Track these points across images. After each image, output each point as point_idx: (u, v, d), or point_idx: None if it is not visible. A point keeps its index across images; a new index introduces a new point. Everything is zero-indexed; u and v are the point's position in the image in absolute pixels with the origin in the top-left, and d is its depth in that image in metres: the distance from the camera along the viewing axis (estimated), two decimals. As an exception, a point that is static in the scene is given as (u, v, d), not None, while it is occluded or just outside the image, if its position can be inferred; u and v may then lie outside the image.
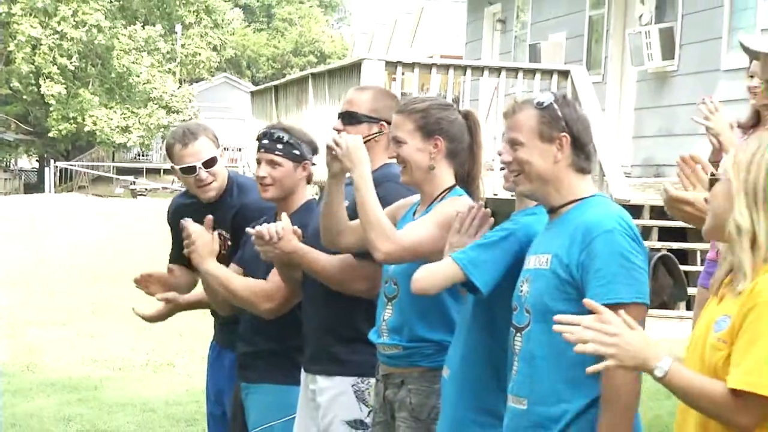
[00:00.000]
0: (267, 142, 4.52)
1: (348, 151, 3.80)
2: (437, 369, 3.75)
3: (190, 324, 10.36)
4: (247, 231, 4.23)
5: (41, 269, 15.96)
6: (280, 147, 4.50)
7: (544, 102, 3.35)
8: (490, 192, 10.95)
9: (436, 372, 3.76)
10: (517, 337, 3.32)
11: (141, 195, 38.16)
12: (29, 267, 16.04)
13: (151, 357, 10.17)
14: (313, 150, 4.59)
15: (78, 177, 45.30)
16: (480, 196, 3.93)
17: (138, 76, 43.13)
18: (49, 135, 43.18)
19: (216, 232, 4.61)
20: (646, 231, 11.03)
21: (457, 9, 28.67)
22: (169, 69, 45.70)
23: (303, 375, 4.35)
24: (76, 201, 28.16)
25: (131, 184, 42.43)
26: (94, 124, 41.87)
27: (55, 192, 38.85)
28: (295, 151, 4.50)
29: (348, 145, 3.82)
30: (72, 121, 41.95)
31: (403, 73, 13.14)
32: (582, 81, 12.21)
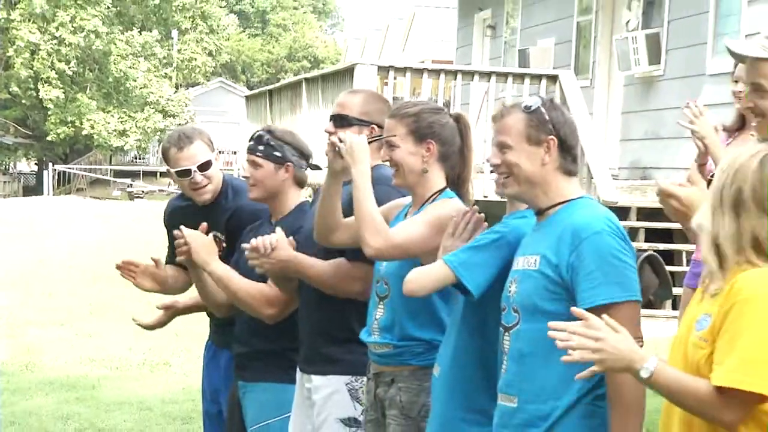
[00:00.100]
0: (251, 143, 4.58)
1: (352, 148, 3.80)
2: (427, 367, 3.75)
3: (186, 324, 10.30)
4: (243, 247, 4.25)
5: (41, 270, 15.94)
6: (261, 149, 4.54)
7: (531, 106, 3.36)
8: (480, 194, 10.97)
9: (426, 370, 3.76)
10: (506, 337, 3.32)
11: (138, 197, 38.12)
12: (29, 268, 16.02)
13: (148, 356, 10.16)
14: (300, 154, 4.57)
15: (76, 180, 45.23)
16: (470, 198, 3.93)
17: (135, 80, 43.11)
18: (48, 138, 43.13)
19: (211, 234, 4.61)
20: (632, 232, 11.05)
21: (448, 15, 28.67)
22: (166, 74, 45.67)
23: (298, 374, 4.35)
24: (74, 203, 28.14)
25: (128, 186, 42.37)
26: (91, 127, 41.82)
27: (54, 194, 38.79)
28: (276, 153, 4.52)
29: (352, 142, 3.82)
30: (70, 125, 41.91)
31: (395, 78, 13.15)
32: (570, 85, 12.21)
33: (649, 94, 14.03)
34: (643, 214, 11.31)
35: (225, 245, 4.86)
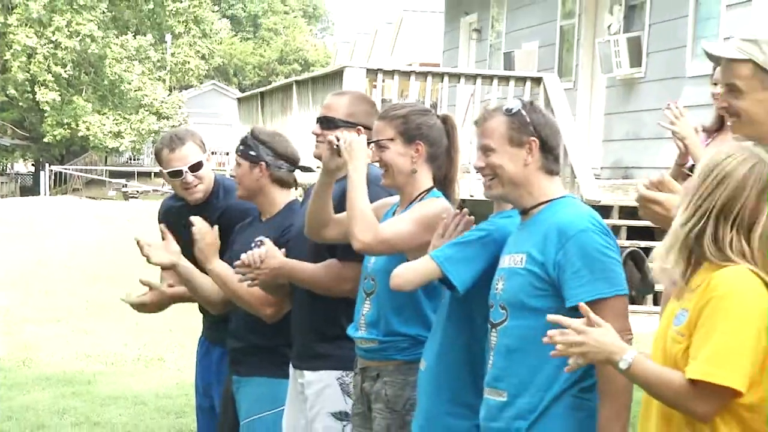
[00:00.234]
0: (238, 144, 4.62)
1: (351, 146, 3.81)
2: (412, 362, 3.76)
3: (180, 320, 10.33)
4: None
5: (39, 269, 15.89)
6: (241, 148, 4.60)
7: (512, 109, 3.38)
8: (466, 193, 10.97)
9: (411, 365, 3.77)
10: (493, 333, 3.33)
11: (133, 197, 38.03)
12: (27, 267, 15.97)
13: (143, 352, 10.13)
14: (276, 154, 4.55)
15: (72, 180, 45.15)
16: (456, 197, 3.93)
17: (129, 83, 43.08)
18: (44, 140, 43.07)
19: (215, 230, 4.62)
20: (615, 230, 11.05)
21: (435, 19, 28.69)
22: (160, 77, 45.64)
23: (291, 370, 4.36)
24: (70, 203, 28.08)
25: (123, 186, 42.28)
26: (87, 129, 41.76)
27: (50, 195, 38.72)
28: (251, 152, 4.55)
29: (352, 141, 3.83)
30: (66, 127, 41.85)
31: (384, 80, 13.14)
32: (554, 87, 12.23)
33: (631, 95, 14.05)
34: (625, 212, 11.33)
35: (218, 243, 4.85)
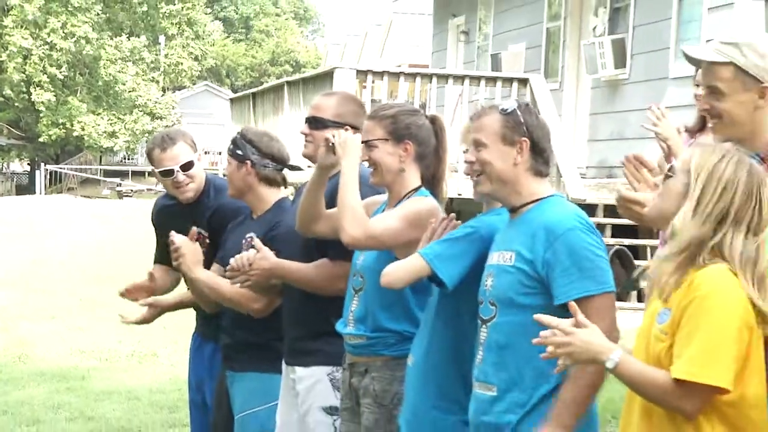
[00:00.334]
0: (228, 143, 4.62)
1: (345, 143, 3.82)
2: (399, 358, 3.76)
3: (173, 317, 10.26)
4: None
5: (35, 267, 15.85)
6: (230, 147, 4.59)
7: (508, 108, 3.38)
8: (453, 192, 10.98)
9: (398, 361, 3.77)
10: (483, 329, 3.33)
11: (127, 196, 37.95)
12: (24, 265, 15.93)
13: (137, 348, 10.12)
14: (262, 153, 4.54)
15: (67, 179, 45.05)
16: (444, 196, 3.94)
17: (124, 84, 43.04)
18: (40, 140, 42.99)
19: (196, 230, 4.60)
20: (599, 228, 11.05)
21: (424, 21, 28.66)
22: (153, 78, 45.56)
23: (284, 366, 4.35)
24: (66, 202, 28.01)
25: (117, 185, 42.20)
26: (82, 129, 41.70)
27: (46, 193, 38.63)
28: (238, 151, 4.55)
29: (346, 138, 3.83)
30: (61, 127, 41.78)
31: (374, 81, 13.14)
32: (540, 88, 12.24)
33: (615, 96, 14.06)
34: (610, 210, 11.33)
35: (209, 242, 4.85)
